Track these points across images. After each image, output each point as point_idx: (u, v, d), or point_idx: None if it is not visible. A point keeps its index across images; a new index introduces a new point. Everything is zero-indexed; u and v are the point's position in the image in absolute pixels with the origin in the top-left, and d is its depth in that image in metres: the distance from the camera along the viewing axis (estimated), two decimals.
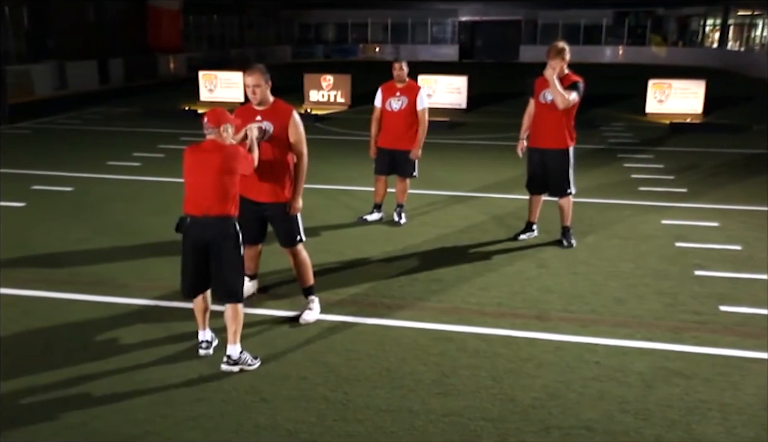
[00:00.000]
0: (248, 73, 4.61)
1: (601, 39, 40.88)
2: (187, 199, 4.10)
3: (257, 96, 4.62)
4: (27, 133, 13.51)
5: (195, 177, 4.06)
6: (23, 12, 20.15)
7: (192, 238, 4.10)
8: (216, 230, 4.04)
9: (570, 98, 6.04)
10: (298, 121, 4.73)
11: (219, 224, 4.04)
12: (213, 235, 4.04)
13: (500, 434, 3.58)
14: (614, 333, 4.74)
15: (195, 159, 4.09)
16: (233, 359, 4.15)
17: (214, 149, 4.05)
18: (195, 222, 4.06)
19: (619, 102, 18.24)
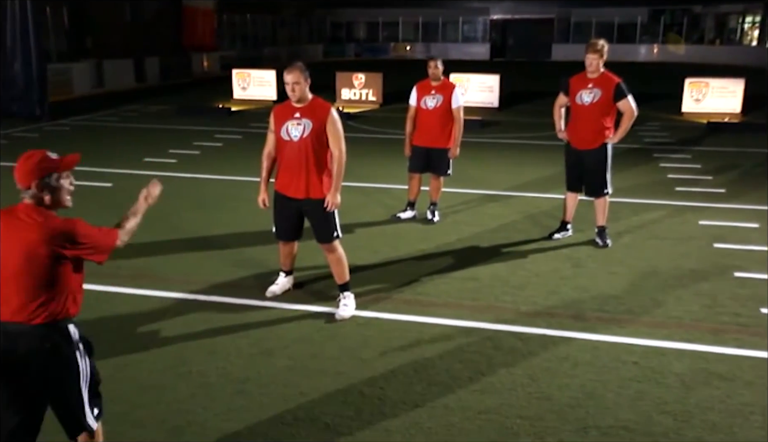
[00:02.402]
0: (288, 71, 4.67)
1: (636, 37, 40.29)
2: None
3: (296, 93, 4.67)
4: (66, 130, 13.82)
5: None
6: (63, 12, 20.61)
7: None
8: (32, 342, 2.64)
9: (633, 106, 6.11)
10: (336, 118, 4.78)
11: (32, 333, 2.64)
12: (27, 348, 2.64)
13: (537, 432, 3.58)
14: (652, 334, 4.69)
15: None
16: None
17: (34, 221, 2.63)
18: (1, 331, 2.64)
19: (654, 101, 17.94)
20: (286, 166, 4.85)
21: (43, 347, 2.65)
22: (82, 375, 2.77)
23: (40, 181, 2.65)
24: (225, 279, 5.65)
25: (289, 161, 4.82)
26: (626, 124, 6.16)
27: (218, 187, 8.97)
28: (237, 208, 7.88)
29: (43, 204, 2.67)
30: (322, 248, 5.00)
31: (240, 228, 7.10)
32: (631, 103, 6.10)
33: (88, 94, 19.90)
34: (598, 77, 6.13)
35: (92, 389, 2.85)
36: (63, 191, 2.73)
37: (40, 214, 2.65)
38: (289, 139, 4.75)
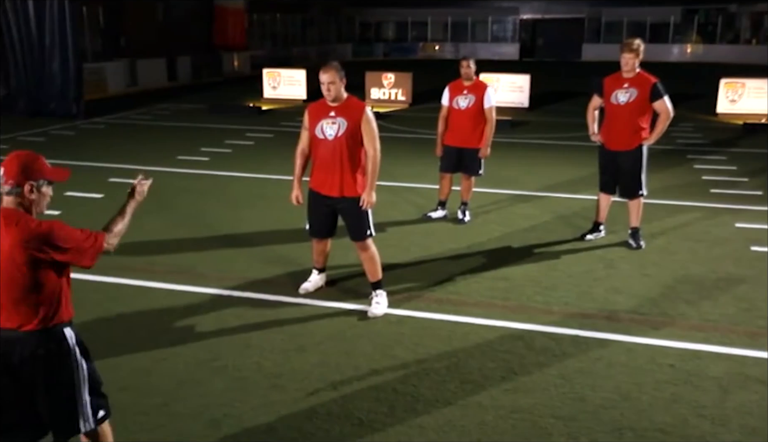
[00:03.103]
0: (324, 70, 4.71)
1: (669, 37, 39.66)
2: None
3: (331, 93, 4.71)
4: (102, 128, 14.08)
5: None
6: (99, 12, 20.99)
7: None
8: (26, 348, 2.61)
9: (669, 107, 6.04)
10: (371, 117, 4.81)
11: (28, 339, 2.61)
12: (22, 355, 2.61)
13: (571, 432, 3.57)
14: (688, 337, 4.64)
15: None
16: None
17: (10, 223, 2.55)
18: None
19: (687, 102, 17.67)
20: (320, 164, 4.90)
21: (36, 354, 2.61)
22: (81, 380, 2.73)
23: (27, 184, 2.59)
24: (258, 276, 5.72)
25: (323, 160, 4.86)
26: (662, 126, 6.09)
27: (250, 186, 9.07)
28: (269, 206, 7.97)
29: (23, 206, 2.60)
30: (356, 246, 5.03)
31: (272, 226, 7.18)
32: (667, 104, 6.03)
33: (122, 92, 20.24)
34: (634, 77, 6.06)
35: (94, 391, 2.81)
36: (46, 199, 2.68)
37: (17, 217, 2.56)
38: (324, 137, 4.79)
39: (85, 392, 2.75)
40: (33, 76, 15.21)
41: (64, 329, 2.69)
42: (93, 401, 2.79)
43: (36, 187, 2.61)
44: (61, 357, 2.67)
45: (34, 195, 2.61)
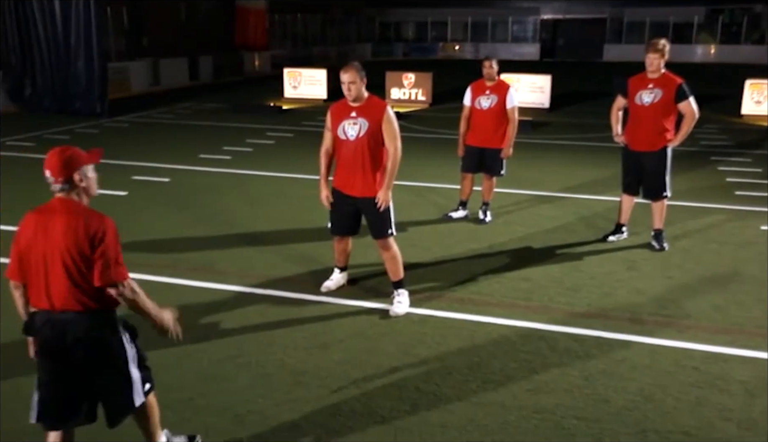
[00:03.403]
0: (344, 70, 4.73)
1: (692, 37, 39.20)
2: (32, 286, 2.77)
3: (352, 93, 4.73)
4: (125, 127, 14.25)
5: (37, 254, 2.72)
6: (123, 12, 21.24)
7: (43, 343, 2.79)
8: (81, 330, 2.74)
9: (694, 109, 5.99)
10: (392, 116, 4.82)
11: (83, 320, 2.74)
12: (76, 336, 2.74)
13: (594, 434, 3.55)
14: (713, 340, 4.60)
15: (35, 227, 2.74)
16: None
17: (68, 211, 2.74)
18: (47, 319, 2.76)
19: (712, 103, 17.49)
20: (343, 164, 4.93)
21: (89, 335, 2.75)
22: (130, 359, 2.88)
23: (75, 174, 2.75)
24: (280, 274, 5.76)
25: (345, 160, 4.90)
26: (687, 127, 6.03)
27: (271, 184, 9.13)
28: (290, 204, 8.02)
29: (77, 195, 2.78)
30: (378, 246, 5.05)
31: (293, 224, 7.22)
32: (692, 105, 5.98)
33: (145, 91, 20.46)
34: (659, 77, 6.02)
35: (141, 366, 2.96)
36: (93, 182, 2.84)
37: (75, 206, 2.75)
38: (346, 138, 4.82)
39: (135, 369, 2.90)
40: (58, 75, 15.45)
41: (113, 313, 2.84)
42: (142, 375, 2.94)
43: (83, 175, 2.77)
44: (112, 337, 2.82)
45: (84, 182, 2.77)
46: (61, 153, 2.75)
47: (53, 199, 2.77)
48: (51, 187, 2.75)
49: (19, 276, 2.80)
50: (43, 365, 2.81)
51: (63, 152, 2.76)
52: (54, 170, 2.72)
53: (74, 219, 2.70)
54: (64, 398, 2.82)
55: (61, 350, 2.74)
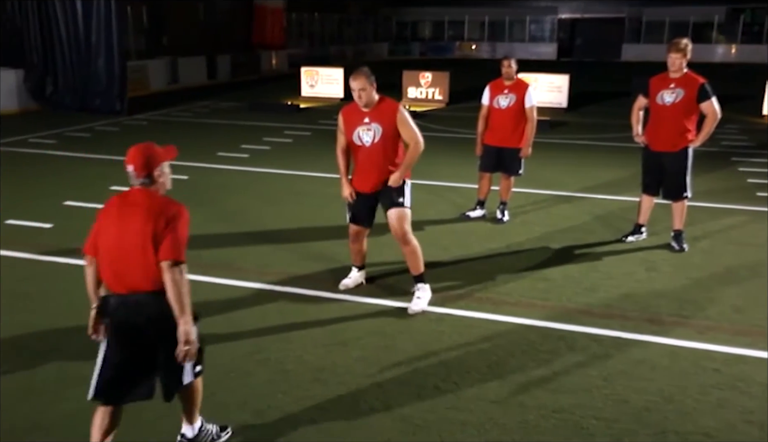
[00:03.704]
0: (354, 78, 4.74)
1: (712, 37, 38.79)
2: (104, 268, 2.99)
3: (363, 99, 4.76)
4: (144, 125, 14.39)
5: (113, 238, 2.93)
6: (143, 11, 21.43)
7: (116, 323, 2.99)
8: (156, 309, 2.93)
9: (716, 109, 5.94)
10: (405, 117, 4.82)
11: (158, 301, 2.91)
12: (150, 315, 2.95)
13: (614, 434, 3.54)
14: (734, 341, 4.56)
15: (117, 212, 2.97)
16: (188, 439, 3.34)
17: (144, 199, 2.96)
18: (122, 301, 2.97)
19: (732, 103, 17.31)
20: (360, 168, 5.00)
21: (161, 314, 2.90)
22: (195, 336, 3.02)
23: (155, 170, 2.99)
24: (298, 271, 5.80)
25: (362, 164, 4.97)
26: (709, 127, 5.99)
27: (289, 182, 9.18)
28: (307, 202, 8.06)
29: (155, 188, 3.01)
30: (398, 241, 5.04)
31: (310, 222, 7.26)
32: (715, 106, 5.92)
33: (164, 90, 20.61)
34: (681, 77, 5.98)
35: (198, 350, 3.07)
36: (168, 177, 3.09)
37: (153, 197, 2.97)
38: (362, 144, 4.89)
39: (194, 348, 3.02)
40: (79, 74, 15.63)
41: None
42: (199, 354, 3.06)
43: (161, 171, 3.01)
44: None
45: (162, 177, 3.02)
46: (144, 151, 2.98)
47: (134, 189, 2.99)
48: (131, 181, 2.98)
49: (93, 252, 3.02)
50: (115, 345, 2.99)
51: (144, 151, 2.98)
52: (137, 167, 2.95)
53: (154, 208, 2.91)
54: (130, 375, 3.01)
55: (134, 329, 2.95)
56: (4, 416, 3.65)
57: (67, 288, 5.39)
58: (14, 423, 3.59)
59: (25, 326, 4.70)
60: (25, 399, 3.82)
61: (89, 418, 3.06)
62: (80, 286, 5.38)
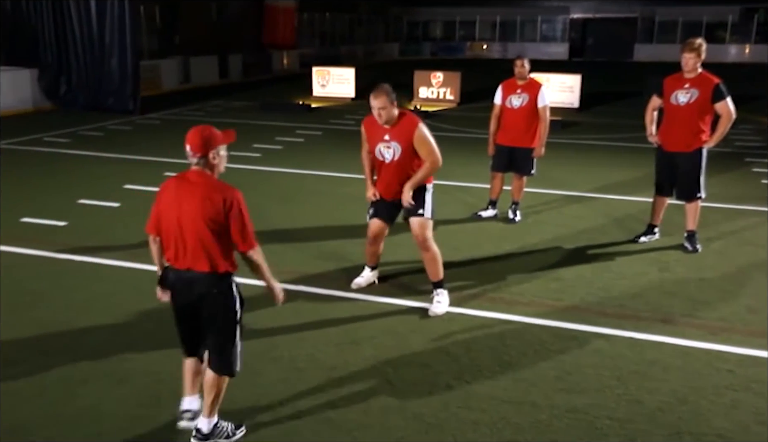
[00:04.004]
0: (374, 96, 4.72)
1: (726, 37, 38.49)
2: (167, 246, 3.22)
3: (383, 117, 4.76)
4: (156, 124, 14.47)
5: (172, 218, 3.12)
6: (156, 11, 21.56)
7: (175, 295, 3.27)
8: (205, 287, 3.16)
9: (731, 109, 5.91)
10: (423, 135, 4.78)
11: (207, 279, 3.15)
12: (200, 292, 3.17)
13: (627, 434, 3.54)
14: (748, 343, 4.54)
15: (175, 193, 3.13)
16: (203, 434, 3.36)
17: (202, 181, 3.12)
18: (178, 276, 3.21)
19: (745, 104, 17.20)
20: (382, 179, 5.06)
21: (210, 293, 3.15)
22: (237, 319, 3.25)
23: (211, 152, 3.10)
24: (311, 270, 5.82)
25: (384, 176, 5.03)
26: (723, 128, 5.95)
27: (301, 181, 9.21)
28: (320, 201, 8.09)
29: (210, 169, 3.13)
30: (418, 246, 5.05)
31: (323, 222, 7.28)
32: (729, 106, 5.89)
33: (176, 89, 20.72)
34: (696, 77, 5.95)
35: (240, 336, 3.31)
36: (223, 160, 3.19)
37: (208, 179, 3.11)
38: (383, 159, 4.94)
39: (239, 336, 3.29)
40: (93, 73, 15.75)
41: (232, 277, 3.22)
42: (241, 347, 3.33)
43: (216, 153, 3.12)
44: (227, 299, 3.20)
45: (216, 159, 3.12)
46: (202, 132, 3.10)
47: (190, 170, 3.13)
48: (189, 159, 3.11)
49: (155, 231, 3.22)
50: (175, 312, 3.31)
51: (203, 131, 3.10)
52: (194, 147, 3.08)
53: (208, 190, 3.06)
54: (190, 336, 3.34)
55: (187, 302, 3.22)
56: (19, 412, 3.70)
57: (81, 286, 5.45)
58: (28, 419, 3.63)
59: (41, 324, 4.75)
60: (39, 396, 3.86)
61: (102, 415, 3.13)
62: (94, 283, 5.46)
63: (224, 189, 3.09)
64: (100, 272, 5.76)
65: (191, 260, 3.11)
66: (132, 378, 4.04)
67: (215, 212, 3.04)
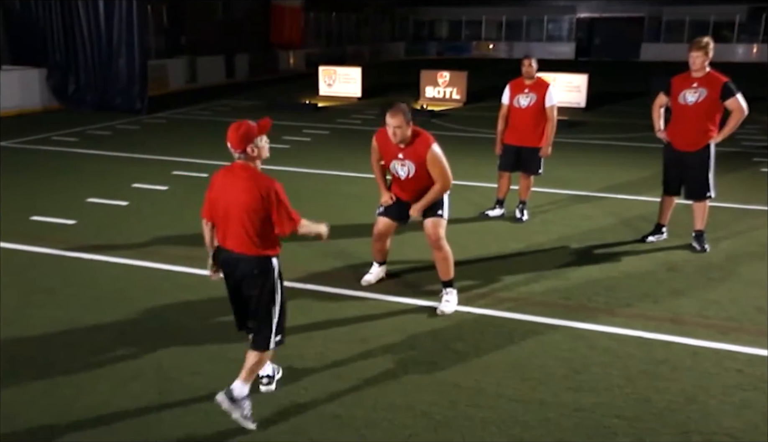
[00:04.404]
0: (391, 115, 4.71)
1: (733, 37, 38.33)
2: (218, 229, 3.59)
3: (397, 136, 4.76)
4: (164, 123, 14.52)
5: (220, 205, 3.49)
6: (163, 10, 21.62)
7: (226, 274, 3.62)
8: (247, 267, 3.49)
9: (743, 105, 5.88)
10: (436, 157, 4.79)
11: (249, 260, 3.48)
12: (243, 271, 3.51)
13: (636, 433, 3.54)
14: (757, 342, 4.53)
15: (222, 183, 3.51)
16: (232, 395, 3.53)
17: (245, 173, 3.43)
18: (226, 256, 3.55)
19: (753, 104, 17.12)
20: (397, 189, 5.12)
21: (253, 274, 3.48)
22: (277, 301, 3.56)
23: (249, 147, 3.39)
24: (319, 269, 5.83)
25: (399, 188, 5.09)
26: (734, 122, 5.90)
27: (308, 181, 9.22)
28: (327, 200, 8.10)
29: (252, 161, 3.43)
30: (431, 246, 5.06)
31: (331, 220, 7.10)
32: (740, 102, 5.86)
33: (182, 89, 20.78)
34: (704, 76, 5.93)
35: (280, 318, 3.61)
36: (264, 149, 3.48)
37: (251, 171, 3.43)
38: (397, 175, 4.99)
39: (277, 314, 3.58)
40: (100, 73, 15.80)
41: (273, 259, 3.54)
42: (279, 323, 3.62)
43: (254, 146, 3.41)
44: (266, 280, 3.51)
45: (255, 152, 3.42)
46: (237, 129, 3.39)
47: (235, 164, 3.45)
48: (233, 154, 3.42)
49: (209, 216, 3.59)
50: (226, 288, 3.65)
51: (239, 129, 3.39)
52: (233, 144, 3.39)
53: (250, 182, 3.39)
54: (238, 312, 3.70)
55: (234, 281, 3.56)
56: (34, 407, 3.72)
57: (90, 283, 5.48)
58: (43, 415, 3.66)
59: (51, 321, 4.78)
60: (50, 393, 3.88)
61: (112, 411, 3.14)
62: (103, 281, 5.48)
63: (263, 181, 3.39)
64: (109, 270, 5.79)
65: (236, 243, 3.45)
66: (142, 375, 4.06)
67: (255, 202, 3.36)
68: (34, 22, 15.96)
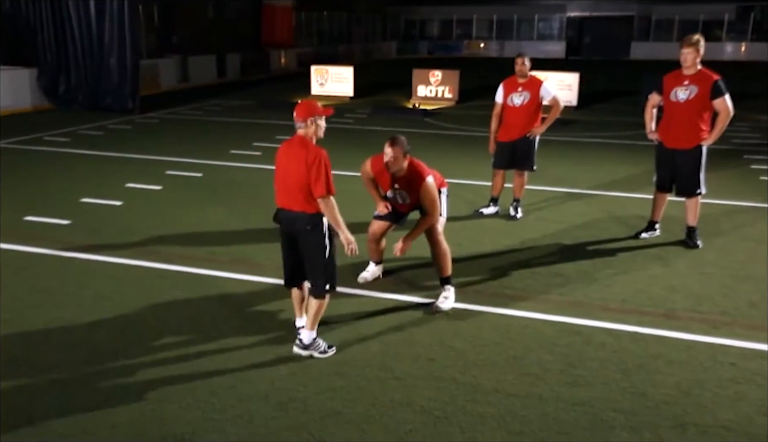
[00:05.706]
0: (390, 145, 4.79)
1: (722, 35, 38.61)
2: (278, 191, 4.18)
3: (391, 167, 4.85)
4: (156, 123, 14.48)
5: (281, 170, 4.11)
6: (154, 10, 21.54)
7: (282, 229, 4.24)
8: (302, 224, 4.08)
9: (729, 106, 5.94)
10: (429, 191, 4.88)
11: (303, 218, 4.07)
12: (299, 227, 4.11)
13: (633, 426, 3.58)
14: (750, 336, 4.59)
15: (282, 152, 4.14)
16: (304, 344, 4.25)
17: (302, 143, 4.04)
18: (284, 214, 4.17)
19: (742, 102, 17.26)
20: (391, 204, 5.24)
21: (305, 229, 4.09)
22: (325, 251, 4.12)
23: (312, 119, 4.01)
24: None
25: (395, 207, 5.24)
26: (722, 125, 5.99)
27: None
28: None
29: (308, 135, 4.03)
30: (429, 243, 5.09)
31: None
32: (727, 103, 5.93)
33: (174, 88, 20.72)
34: (695, 74, 5.99)
35: (332, 269, 4.19)
36: (321, 128, 4.08)
37: (307, 143, 4.03)
38: (395, 201, 5.13)
39: (328, 265, 4.16)
40: (92, 72, 15.75)
41: (323, 217, 4.08)
42: (331, 274, 4.20)
43: (313, 121, 4.02)
44: (318, 235, 4.10)
45: (312, 126, 4.03)
46: (305, 103, 4.09)
47: (295, 136, 4.06)
48: (295, 125, 4.03)
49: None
50: (282, 244, 4.29)
51: (306, 104, 4.09)
52: (298, 113, 4.01)
53: (302, 151, 3.99)
54: (292, 267, 4.31)
55: (290, 236, 4.21)
56: (33, 407, 3.72)
57: (87, 283, 5.47)
58: (42, 414, 3.66)
59: (48, 321, 4.77)
60: (53, 392, 3.89)
61: (111, 410, 3.15)
62: (100, 281, 5.48)
63: (312, 149, 3.97)
64: (105, 270, 5.78)
65: (292, 203, 4.06)
66: (140, 373, 4.07)
67: (305, 167, 3.92)
68: (24, 22, 15.88)
